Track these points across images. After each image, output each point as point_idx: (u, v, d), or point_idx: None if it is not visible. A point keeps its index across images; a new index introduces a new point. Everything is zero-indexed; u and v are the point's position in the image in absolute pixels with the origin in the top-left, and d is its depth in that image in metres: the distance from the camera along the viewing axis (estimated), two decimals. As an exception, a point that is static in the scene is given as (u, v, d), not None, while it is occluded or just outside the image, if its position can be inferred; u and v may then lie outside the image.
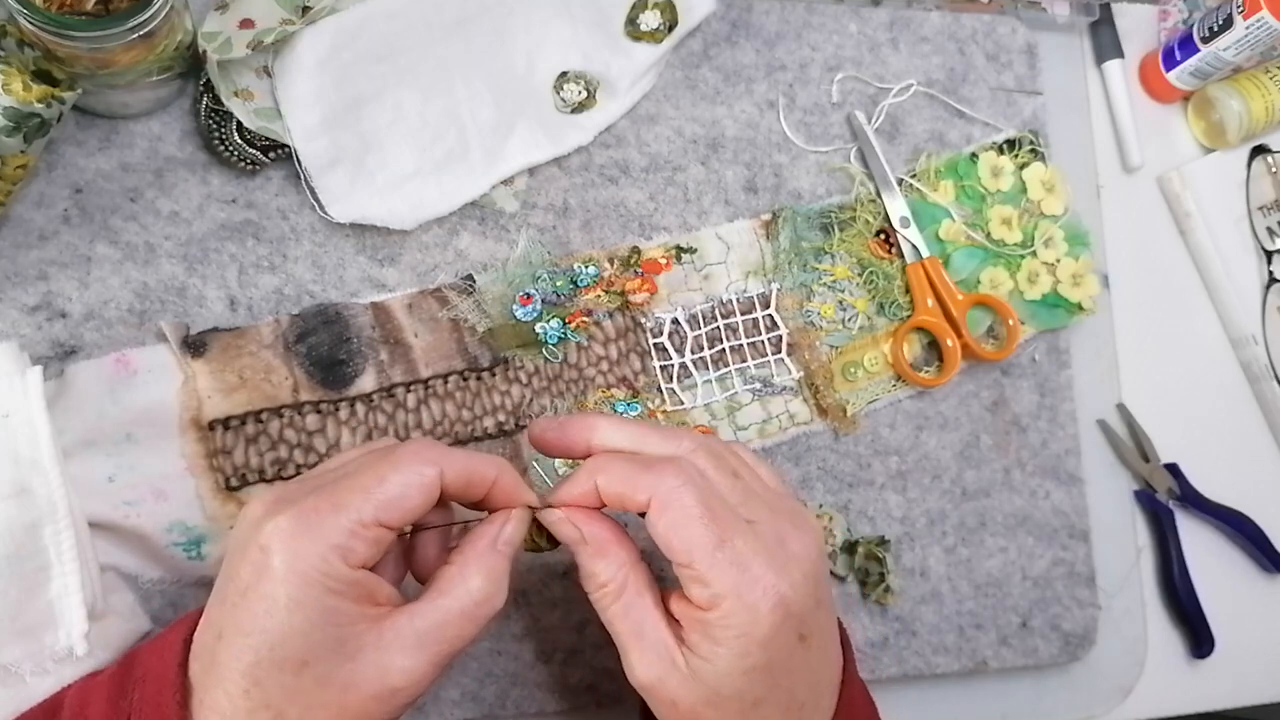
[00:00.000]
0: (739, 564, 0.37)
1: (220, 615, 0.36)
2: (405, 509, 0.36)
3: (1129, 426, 0.65)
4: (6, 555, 0.41)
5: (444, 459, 0.38)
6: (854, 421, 0.57)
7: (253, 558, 0.35)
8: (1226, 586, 0.67)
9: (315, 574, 0.34)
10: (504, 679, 0.51)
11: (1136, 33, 0.71)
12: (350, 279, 0.52)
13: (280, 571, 0.34)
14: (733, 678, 0.37)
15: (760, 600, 0.37)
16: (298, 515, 0.35)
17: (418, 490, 0.37)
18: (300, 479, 0.39)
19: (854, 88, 0.61)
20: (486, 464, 0.39)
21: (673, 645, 0.38)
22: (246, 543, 0.36)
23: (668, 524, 0.37)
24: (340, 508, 0.35)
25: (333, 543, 0.35)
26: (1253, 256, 0.70)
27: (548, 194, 0.55)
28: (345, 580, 0.35)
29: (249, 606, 0.35)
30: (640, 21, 0.56)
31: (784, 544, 0.38)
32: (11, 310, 0.47)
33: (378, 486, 0.36)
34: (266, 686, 0.34)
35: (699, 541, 0.37)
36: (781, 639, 0.37)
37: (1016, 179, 0.62)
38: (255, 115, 0.49)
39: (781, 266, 0.57)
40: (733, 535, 0.37)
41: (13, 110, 0.42)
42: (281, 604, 0.34)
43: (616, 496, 0.39)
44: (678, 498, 0.37)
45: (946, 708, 0.59)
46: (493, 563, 0.38)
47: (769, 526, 0.38)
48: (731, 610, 0.37)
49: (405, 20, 0.51)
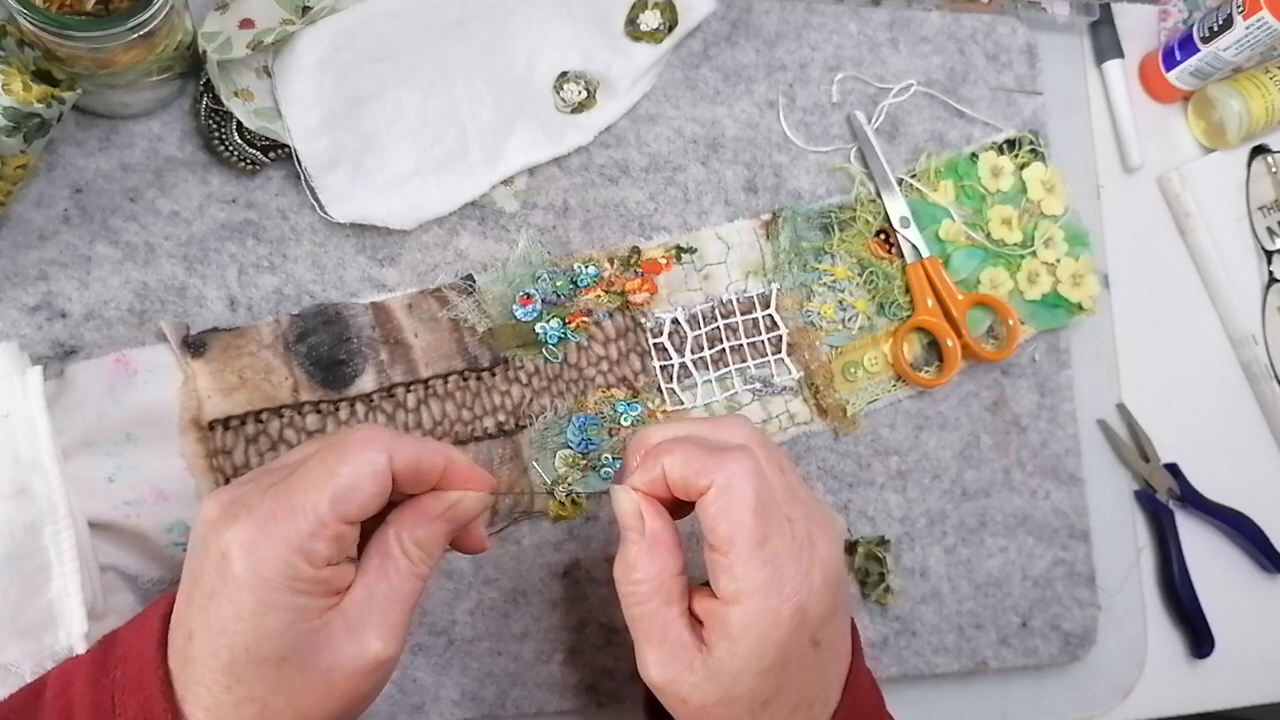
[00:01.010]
0: (772, 563, 0.37)
1: (189, 616, 0.36)
2: (360, 501, 0.36)
3: (1129, 426, 0.65)
4: (6, 555, 0.42)
5: (393, 444, 0.37)
6: (854, 421, 0.57)
7: (214, 563, 0.35)
8: (1226, 586, 0.67)
9: (280, 579, 0.34)
10: (504, 679, 0.51)
11: (1136, 33, 0.71)
12: (350, 279, 0.52)
13: (245, 578, 0.34)
14: (747, 677, 0.38)
15: (782, 605, 0.37)
16: (256, 523, 0.35)
17: (370, 480, 0.36)
18: (253, 474, 0.39)
19: (854, 88, 0.61)
20: (435, 450, 0.39)
21: (692, 647, 0.38)
22: (206, 546, 0.35)
23: (720, 508, 0.38)
24: (296, 511, 0.35)
25: (294, 546, 0.35)
26: (1253, 256, 0.70)
27: (548, 194, 0.55)
28: (310, 580, 0.35)
29: (218, 610, 0.35)
30: (640, 21, 0.56)
31: (814, 545, 0.39)
32: (11, 310, 0.47)
33: (329, 482, 0.35)
34: (248, 681, 0.35)
35: (745, 532, 0.37)
36: (796, 643, 0.38)
37: (1016, 179, 0.62)
38: (255, 115, 0.49)
39: (781, 266, 0.57)
40: (774, 533, 0.38)
41: (13, 110, 0.42)
42: (250, 608, 0.34)
43: (680, 480, 0.39)
44: (738, 485, 0.38)
45: (946, 708, 0.59)
46: (429, 532, 0.38)
47: (803, 526, 0.39)
48: (754, 610, 0.37)
49: (405, 20, 0.51)
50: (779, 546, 0.38)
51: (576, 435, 0.52)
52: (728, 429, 0.41)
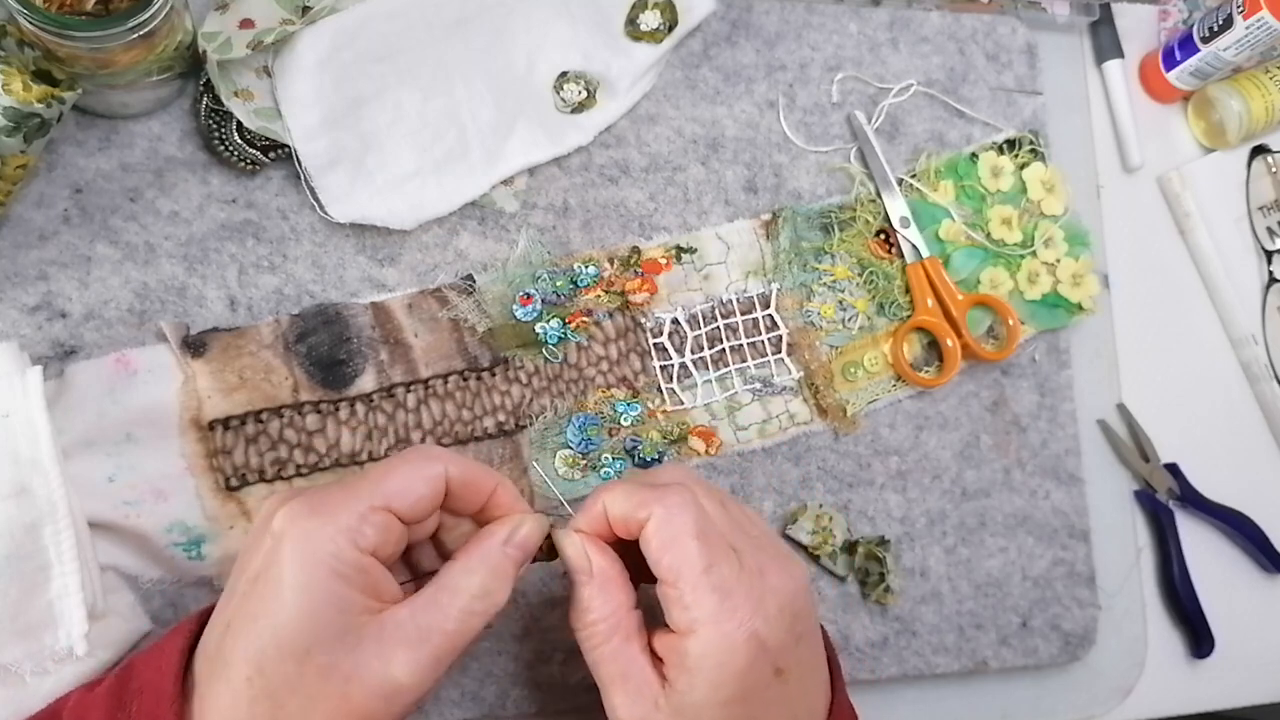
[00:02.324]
0: (721, 590, 0.38)
1: (229, 609, 0.37)
2: (412, 498, 0.38)
3: (1129, 426, 0.65)
4: (6, 555, 0.42)
5: (450, 459, 0.39)
6: (854, 421, 0.57)
7: (264, 546, 0.36)
8: (1226, 586, 0.67)
9: (323, 554, 0.35)
10: (504, 679, 0.51)
11: (1136, 33, 0.71)
12: (350, 279, 0.52)
13: (289, 555, 0.35)
14: (710, 710, 0.38)
15: (735, 631, 0.37)
16: (309, 499, 0.37)
17: (424, 482, 0.38)
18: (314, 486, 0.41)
19: (854, 88, 0.61)
20: (487, 474, 0.41)
21: (656, 685, 0.39)
22: (259, 535, 0.37)
23: (662, 540, 0.38)
24: (350, 494, 0.37)
25: (342, 524, 0.36)
26: (1253, 256, 0.70)
27: (548, 194, 0.55)
28: (353, 565, 0.36)
29: (257, 593, 0.36)
30: (640, 21, 0.56)
31: (763, 575, 0.39)
32: (11, 310, 0.47)
33: (387, 477, 0.38)
34: (269, 674, 0.35)
35: (689, 560, 0.38)
36: (756, 672, 0.38)
37: (1016, 179, 0.62)
38: (255, 115, 0.49)
39: (781, 266, 0.57)
40: (719, 560, 0.38)
41: (13, 110, 0.42)
42: (287, 585, 0.35)
43: (621, 516, 0.40)
44: (677, 515, 0.39)
45: (946, 708, 0.59)
46: (498, 561, 0.39)
47: (751, 557, 0.39)
48: (707, 639, 0.37)
49: (405, 20, 0.51)
50: (725, 574, 0.38)
51: (576, 435, 0.52)
52: (666, 473, 0.42)
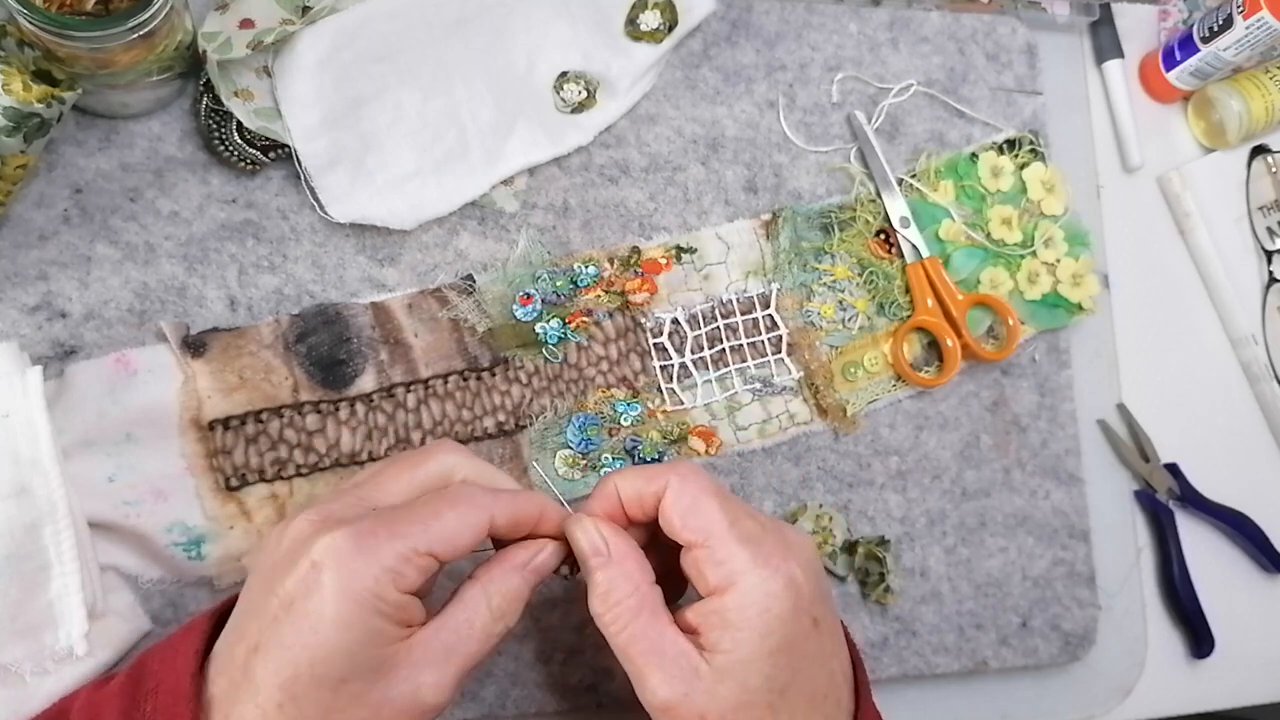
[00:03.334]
0: (752, 540, 0.39)
1: (258, 629, 0.35)
2: (457, 546, 0.37)
3: (1129, 426, 0.65)
4: (6, 555, 0.42)
5: (496, 504, 0.39)
6: (854, 421, 0.57)
7: (301, 573, 0.35)
8: (1226, 586, 0.67)
9: (367, 595, 0.35)
10: (504, 679, 0.51)
11: (1136, 33, 0.71)
12: (350, 279, 0.52)
13: (331, 589, 0.34)
14: (759, 663, 0.37)
15: (773, 576, 0.38)
16: (355, 536, 0.35)
17: (470, 531, 0.38)
18: (337, 494, 0.39)
19: (854, 88, 0.61)
20: (531, 504, 0.40)
21: (694, 654, 0.38)
22: (294, 557, 0.36)
23: (683, 508, 0.39)
24: (397, 535, 0.36)
25: (386, 566, 0.35)
26: (1253, 256, 0.70)
27: (548, 194, 0.55)
28: (393, 604, 0.36)
29: (294, 622, 0.35)
30: (640, 21, 0.56)
31: (783, 534, 0.40)
32: (11, 310, 0.47)
33: (435, 521, 0.37)
34: (302, 703, 0.34)
35: (714, 518, 0.39)
36: (797, 620, 0.38)
37: (1016, 179, 0.62)
38: (255, 115, 0.49)
39: (781, 266, 0.57)
40: (741, 516, 0.39)
41: (13, 110, 0.42)
42: (329, 621, 0.34)
43: (634, 492, 0.40)
44: (691, 480, 0.40)
45: (946, 708, 0.59)
46: (515, 584, 0.39)
47: (768, 521, 0.41)
48: (750, 587, 0.38)
49: (405, 20, 0.51)
50: (751, 527, 0.39)
51: (576, 435, 0.52)
52: (669, 465, 0.43)
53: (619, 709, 0.53)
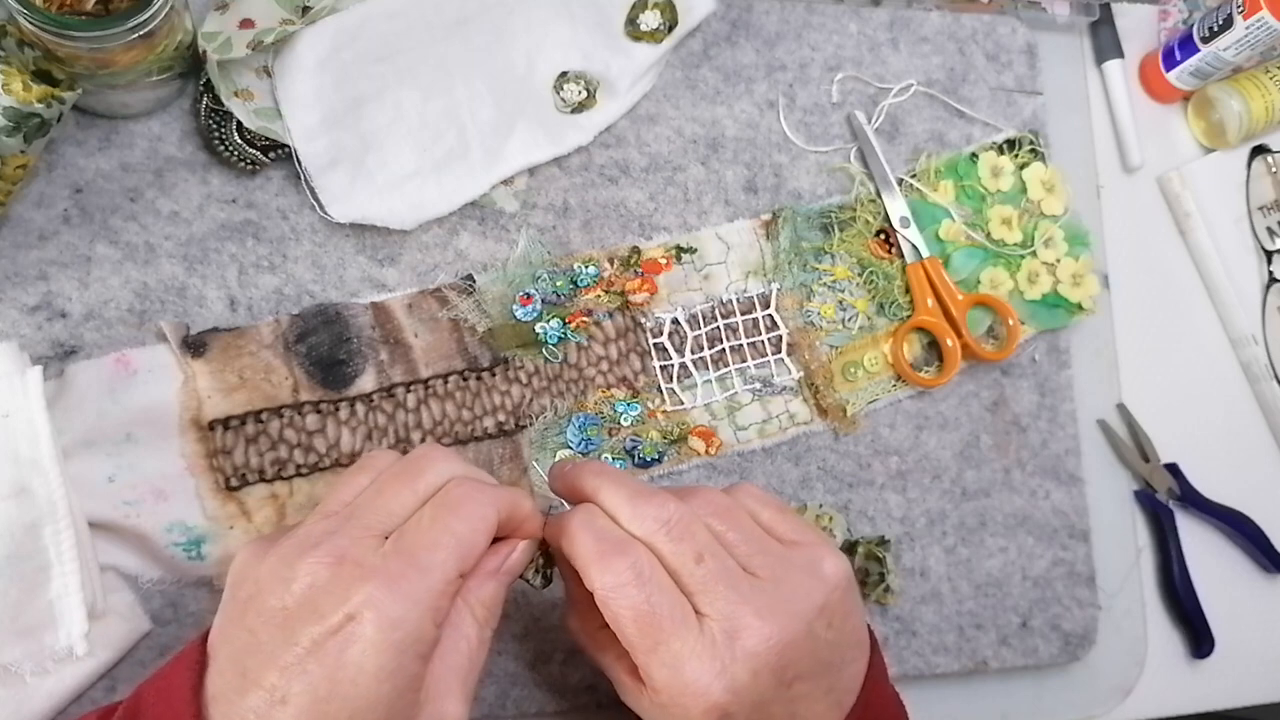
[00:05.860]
0: (672, 667, 0.37)
1: (280, 678, 0.33)
2: (476, 555, 0.37)
3: (1129, 426, 0.65)
4: (6, 555, 0.42)
5: (498, 499, 0.38)
6: (854, 421, 0.57)
7: (333, 624, 0.34)
8: (1226, 586, 0.67)
9: (410, 641, 0.34)
10: (504, 679, 0.51)
11: (1136, 33, 0.71)
12: (350, 279, 0.52)
13: (373, 641, 0.33)
14: None
15: (692, 705, 0.37)
16: (385, 584, 0.34)
17: (484, 535, 0.37)
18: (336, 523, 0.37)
19: (854, 88, 0.61)
20: (521, 497, 0.40)
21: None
22: (317, 606, 0.34)
23: (608, 618, 0.38)
24: (424, 570, 0.35)
25: (426, 606, 0.35)
26: (1253, 256, 0.70)
27: (548, 194, 0.55)
28: (430, 642, 0.35)
29: (327, 671, 0.33)
30: (640, 21, 0.56)
31: (734, 640, 0.37)
32: (11, 310, 0.47)
33: (452, 540, 0.36)
34: None
35: (630, 642, 0.37)
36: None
37: (1016, 179, 0.62)
38: (255, 115, 0.49)
39: (781, 266, 0.57)
40: (669, 638, 0.37)
41: (13, 110, 0.42)
42: (370, 674, 0.33)
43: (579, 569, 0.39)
44: (616, 598, 0.37)
45: (946, 708, 0.59)
46: (492, 590, 0.39)
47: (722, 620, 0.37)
48: (668, 703, 0.37)
49: (405, 20, 0.51)
50: (678, 649, 0.37)
51: (576, 435, 0.52)
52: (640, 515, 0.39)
53: (619, 709, 0.52)
